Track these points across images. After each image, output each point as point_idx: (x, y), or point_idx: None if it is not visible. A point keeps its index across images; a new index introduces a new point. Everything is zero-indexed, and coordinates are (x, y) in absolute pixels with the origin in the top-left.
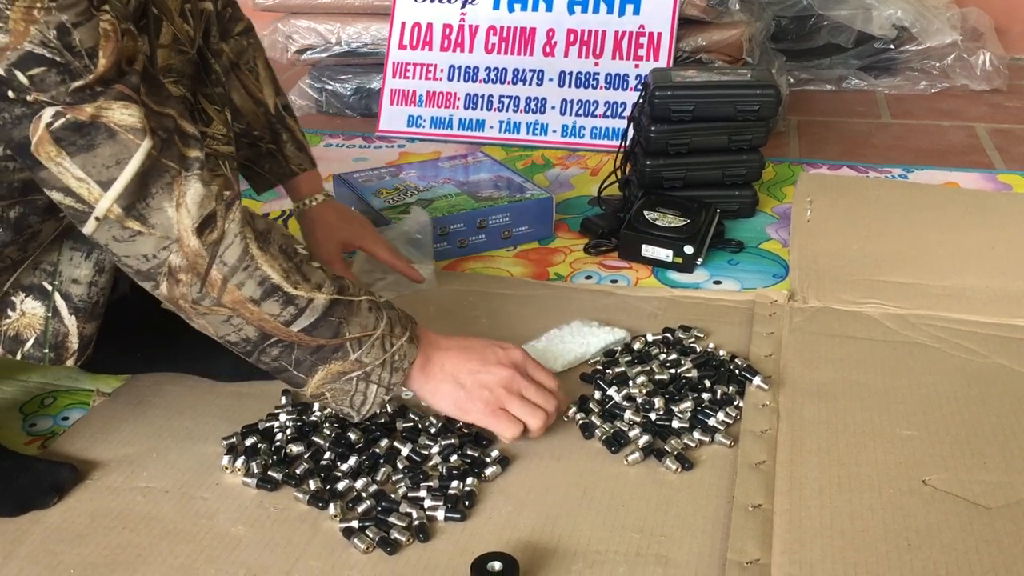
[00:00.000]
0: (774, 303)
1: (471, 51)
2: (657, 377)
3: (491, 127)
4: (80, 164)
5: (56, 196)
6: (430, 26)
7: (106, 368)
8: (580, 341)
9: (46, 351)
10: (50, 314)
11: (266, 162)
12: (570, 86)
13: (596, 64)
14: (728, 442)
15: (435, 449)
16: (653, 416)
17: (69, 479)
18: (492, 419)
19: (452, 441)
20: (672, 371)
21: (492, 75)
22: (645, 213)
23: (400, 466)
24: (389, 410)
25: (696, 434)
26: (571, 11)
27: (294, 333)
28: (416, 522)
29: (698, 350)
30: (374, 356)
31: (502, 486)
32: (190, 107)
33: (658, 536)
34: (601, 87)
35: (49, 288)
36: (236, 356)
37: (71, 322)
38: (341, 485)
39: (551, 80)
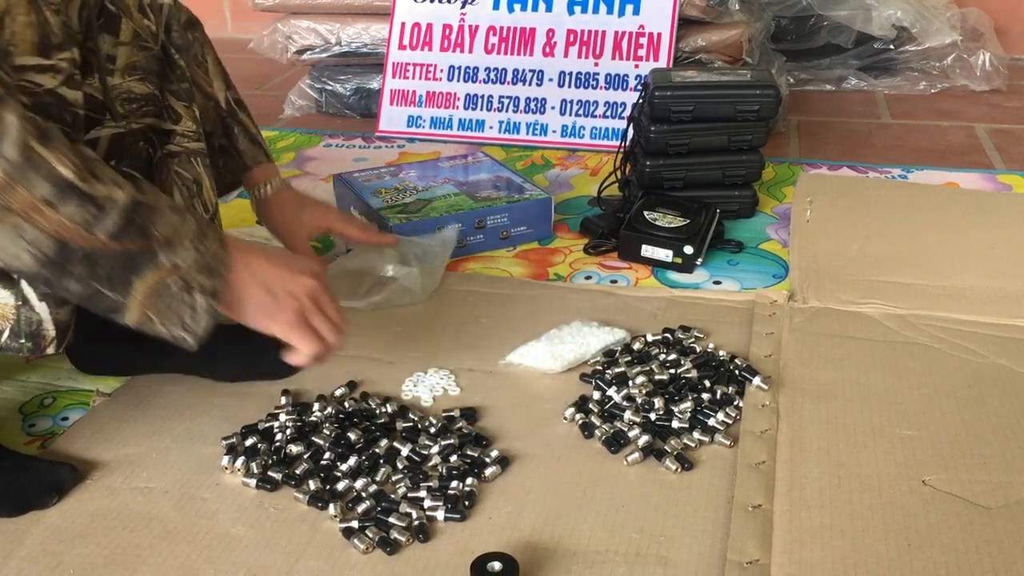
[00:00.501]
0: (774, 303)
1: (471, 51)
2: (657, 377)
3: (491, 127)
4: None
5: None
6: (430, 26)
7: (105, 370)
8: (580, 341)
9: (23, 341)
10: (20, 302)
11: (219, 158)
12: (570, 86)
13: (596, 64)
14: (728, 442)
15: (435, 449)
16: (653, 416)
17: (69, 479)
18: (299, 331)
19: (452, 441)
20: (672, 371)
21: (492, 75)
22: (645, 213)
23: (400, 466)
24: (389, 410)
25: (696, 434)
26: (571, 11)
27: (99, 240)
28: (416, 522)
29: (698, 350)
30: (189, 258)
31: (502, 486)
32: (158, 104)
33: (658, 536)
34: (601, 87)
35: (14, 275)
36: (236, 357)
37: (42, 309)
38: (341, 485)
39: (551, 80)
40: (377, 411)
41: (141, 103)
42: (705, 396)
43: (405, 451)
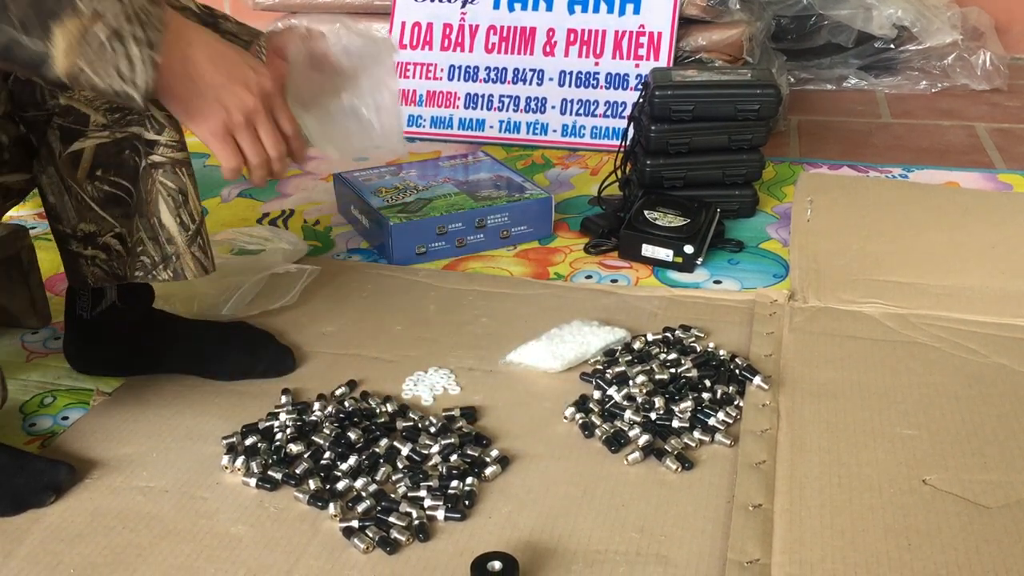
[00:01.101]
0: (774, 303)
1: (471, 51)
2: (657, 377)
3: (491, 127)
4: None
5: None
6: (430, 25)
7: (104, 370)
8: (580, 340)
9: None
10: None
11: None
12: (570, 86)
13: (596, 64)
14: (728, 442)
15: (435, 449)
16: (653, 416)
17: (67, 479)
18: (218, 143)
19: (452, 441)
20: (672, 371)
21: (492, 75)
22: (645, 213)
23: (400, 466)
24: (390, 410)
25: (696, 434)
26: (571, 11)
27: None
28: (416, 522)
29: (698, 350)
30: (110, 5)
31: (502, 486)
32: (142, 114)
33: (658, 536)
34: (601, 87)
35: None
36: (235, 355)
37: None
38: (341, 485)
39: (551, 80)
40: (377, 410)
41: (124, 112)
42: (705, 395)
43: (405, 450)
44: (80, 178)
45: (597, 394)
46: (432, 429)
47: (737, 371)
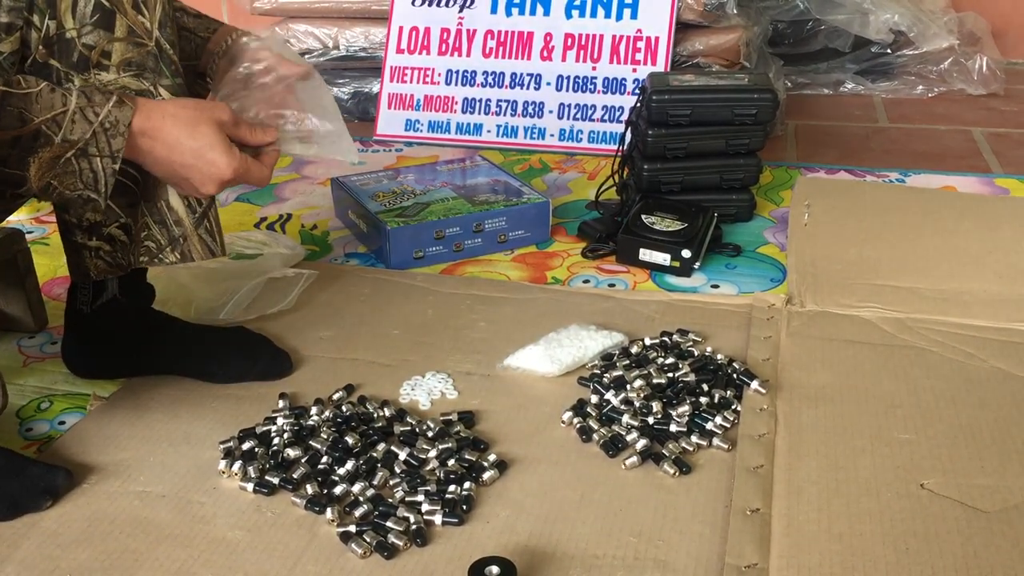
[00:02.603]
0: (772, 307)
1: (469, 55)
2: (655, 381)
3: (489, 131)
4: None
5: None
6: (428, 30)
7: (101, 374)
8: (578, 345)
9: None
10: None
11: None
12: (568, 90)
13: (594, 68)
14: (726, 446)
15: (433, 453)
16: (651, 420)
17: (63, 484)
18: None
19: (450, 445)
20: (670, 375)
21: (490, 79)
22: (643, 217)
23: (397, 470)
24: (387, 414)
25: (694, 438)
26: (568, 15)
27: None
28: (414, 526)
29: (696, 354)
30: (80, 131)
31: (500, 490)
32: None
33: (656, 540)
34: (599, 91)
35: None
36: (232, 359)
37: None
38: (338, 489)
39: (549, 84)
40: (375, 415)
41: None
42: (703, 400)
43: (403, 455)
44: None
45: (595, 398)
46: (430, 433)
47: (735, 375)
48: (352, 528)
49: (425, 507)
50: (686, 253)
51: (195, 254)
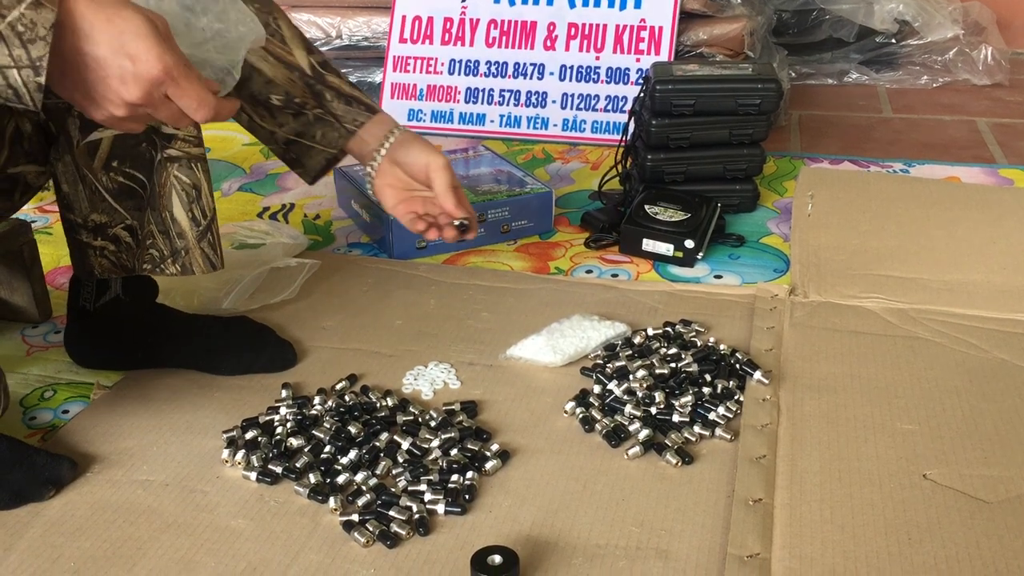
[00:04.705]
0: (775, 297)
1: (472, 45)
2: (657, 371)
3: (492, 121)
4: None
5: None
6: (431, 20)
7: (104, 364)
8: (581, 335)
9: None
10: None
11: (317, 129)
12: (571, 80)
13: (597, 58)
14: (728, 436)
15: (435, 443)
16: (653, 410)
17: (69, 474)
18: (115, 127)
19: (452, 435)
20: (673, 365)
21: (493, 69)
22: (646, 207)
23: (400, 460)
24: (390, 404)
25: (696, 428)
26: (572, 5)
27: None
28: (416, 516)
29: (699, 344)
30: None
31: (502, 480)
32: None
33: (658, 530)
34: (602, 81)
35: None
36: (236, 350)
37: None
38: (341, 479)
39: (552, 74)
40: (377, 405)
41: None
42: (706, 390)
43: (405, 445)
44: (96, 168)
45: (597, 389)
46: (432, 423)
47: (737, 366)
48: (355, 517)
49: (428, 496)
50: (689, 243)
51: (196, 267)
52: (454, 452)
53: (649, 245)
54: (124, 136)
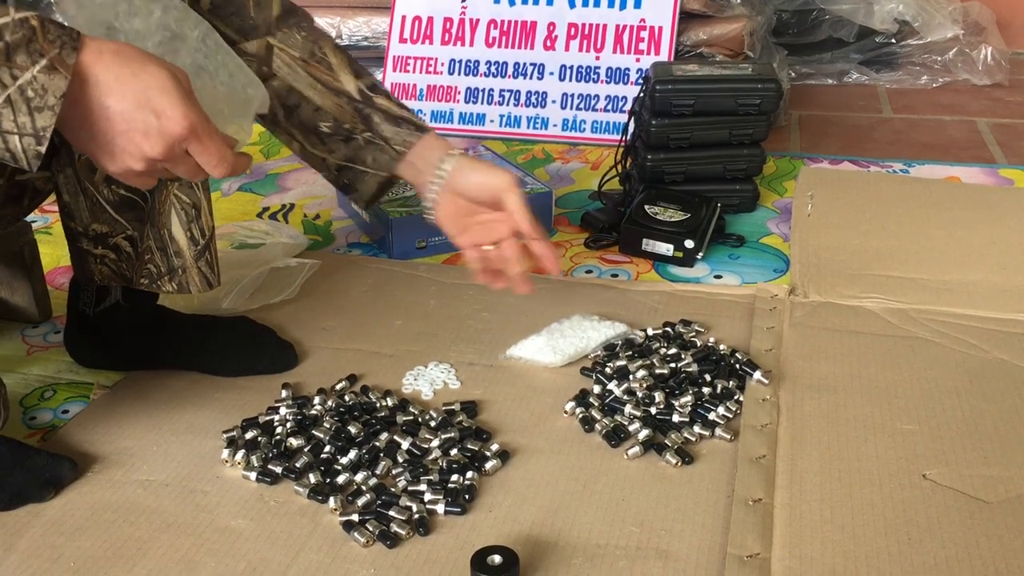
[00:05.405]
0: (775, 297)
1: (472, 45)
2: (657, 371)
3: (492, 121)
4: None
5: None
6: (431, 20)
7: (104, 364)
8: (580, 335)
9: None
10: None
11: (368, 154)
12: (571, 80)
13: (597, 58)
14: (728, 436)
15: (435, 443)
16: (653, 410)
17: (69, 475)
18: (125, 180)
19: (452, 435)
20: (672, 365)
21: (493, 69)
22: (646, 207)
23: (400, 460)
24: (390, 404)
25: (696, 428)
26: (572, 5)
27: None
28: (416, 516)
29: (699, 344)
30: None
31: (502, 480)
32: None
33: (658, 530)
34: (602, 81)
35: None
36: (237, 352)
37: None
38: (341, 479)
39: (552, 74)
40: (377, 405)
41: None
42: (706, 390)
43: (405, 445)
44: (97, 181)
45: (597, 389)
46: (432, 423)
47: (737, 366)
48: (355, 517)
49: (428, 496)
50: (689, 243)
51: (193, 286)
52: (454, 452)
53: (649, 245)
54: None
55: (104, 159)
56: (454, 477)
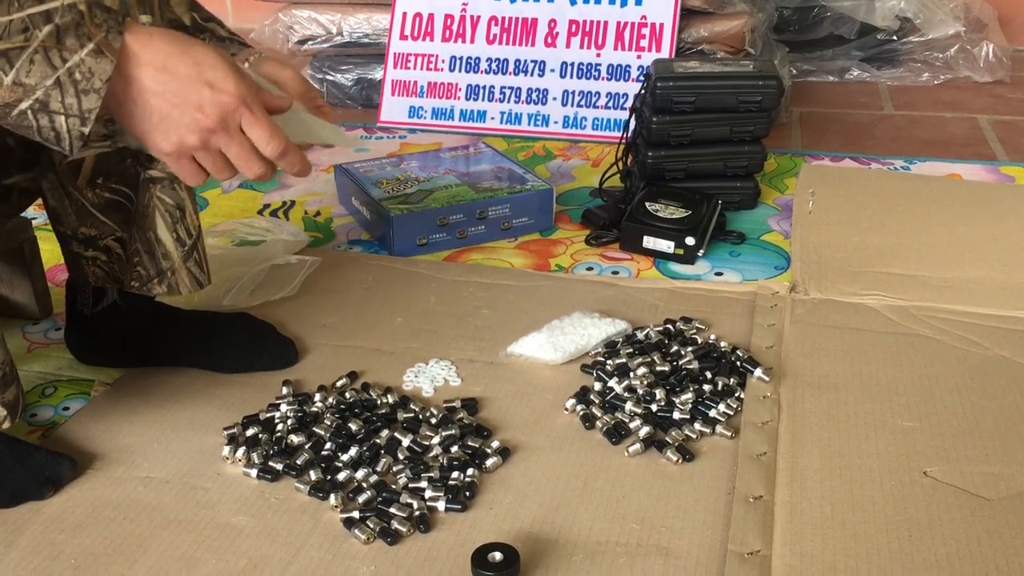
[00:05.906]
0: (775, 295)
1: (472, 42)
2: (658, 368)
3: (492, 118)
4: None
5: None
6: (431, 16)
7: (105, 361)
8: (581, 332)
9: None
10: None
11: None
12: (572, 77)
13: (598, 55)
14: (729, 433)
15: (436, 440)
16: (654, 407)
17: (69, 473)
18: (173, 163)
19: (453, 432)
20: (673, 362)
21: (494, 66)
22: (647, 204)
23: (401, 457)
24: (390, 401)
25: (697, 425)
26: (573, 1)
27: None
28: (417, 513)
29: (699, 341)
30: (38, 75)
31: (503, 477)
32: None
33: (659, 527)
34: (603, 78)
35: None
36: (238, 348)
37: None
38: (342, 476)
39: (553, 71)
40: (378, 401)
41: None
42: (706, 387)
43: (406, 441)
44: (81, 185)
45: (598, 386)
46: (433, 420)
47: (738, 363)
48: (355, 514)
49: (428, 493)
50: (690, 241)
51: (183, 287)
52: (455, 449)
53: (650, 242)
54: (107, 153)
55: (158, 137)
56: (455, 474)
